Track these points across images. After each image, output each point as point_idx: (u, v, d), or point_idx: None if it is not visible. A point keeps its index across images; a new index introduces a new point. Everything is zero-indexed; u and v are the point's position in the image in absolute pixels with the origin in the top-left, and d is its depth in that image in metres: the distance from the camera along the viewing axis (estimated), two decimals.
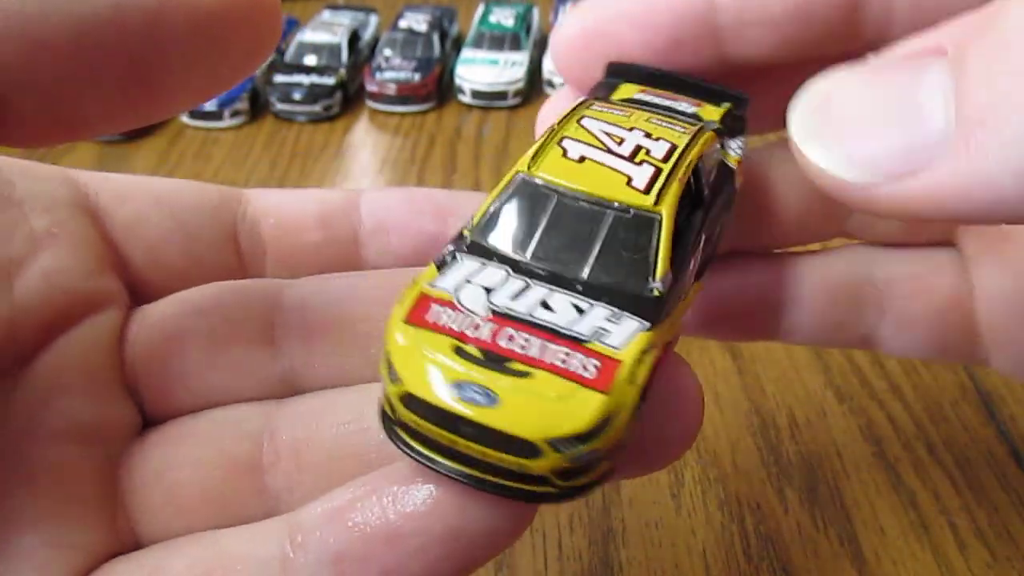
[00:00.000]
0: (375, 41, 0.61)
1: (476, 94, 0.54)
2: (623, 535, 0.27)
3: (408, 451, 0.14)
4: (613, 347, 0.13)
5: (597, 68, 0.19)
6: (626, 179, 0.16)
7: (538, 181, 0.16)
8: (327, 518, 0.15)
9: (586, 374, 0.13)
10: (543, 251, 0.15)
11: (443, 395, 0.13)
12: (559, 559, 0.27)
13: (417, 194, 0.21)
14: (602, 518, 0.28)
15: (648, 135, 0.17)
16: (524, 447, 0.13)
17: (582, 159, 0.16)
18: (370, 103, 0.55)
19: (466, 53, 0.56)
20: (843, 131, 0.12)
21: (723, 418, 0.32)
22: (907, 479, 0.29)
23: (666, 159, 0.16)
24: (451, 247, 0.15)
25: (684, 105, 0.19)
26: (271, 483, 0.17)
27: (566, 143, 0.17)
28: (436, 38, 0.57)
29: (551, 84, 0.55)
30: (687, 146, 0.17)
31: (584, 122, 0.17)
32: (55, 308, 0.17)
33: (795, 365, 0.34)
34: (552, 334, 0.14)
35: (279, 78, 0.54)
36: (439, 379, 0.13)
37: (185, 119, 0.53)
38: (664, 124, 0.17)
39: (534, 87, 0.56)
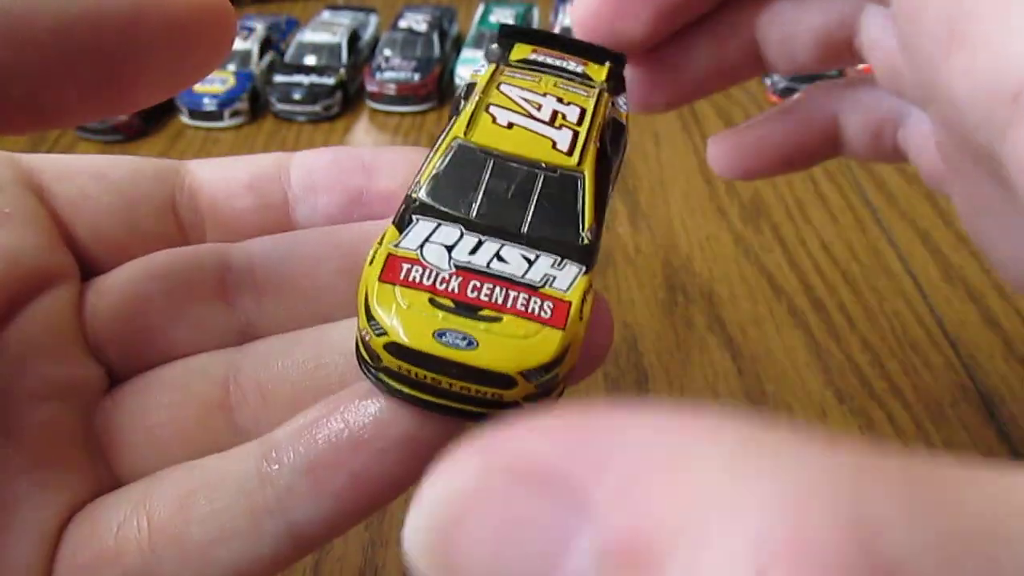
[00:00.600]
0: (375, 41, 0.61)
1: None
2: None
3: (393, 393, 0.16)
4: (561, 290, 0.16)
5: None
6: (551, 143, 0.18)
7: (474, 146, 0.18)
8: (298, 434, 0.17)
9: (544, 315, 0.16)
10: (485, 209, 0.17)
11: (429, 342, 0.15)
12: None
13: (342, 153, 0.22)
14: None
15: (560, 100, 0.19)
16: (501, 379, 0.15)
17: (510, 125, 0.18)
18: (370, 103, 0.55)
19: (466, 53, 0.56)
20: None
21: None
22: None
23: (579, 123, 0.19)
24: (405, 210, 0.17)
25: (573, 64, 0.21)
26: (240, 419, 0.19)
27: (493, 110, 0.19)
28: (436, 38, 0.57)
29: None
30: (594, 110, 0.19)
31: (504, 89, 0.19)
32: (16, 283, 0.18)
33: (795, 365, 0.34)
34: (510, 282, 0.16)
35: (279, 78, 0.54)
36: (423, 329, 0.15)
37: (185, 119, 0.53)
38: (571, 89, 0.20)
39: None
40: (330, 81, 0.54)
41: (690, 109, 0.54)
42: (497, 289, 0.16)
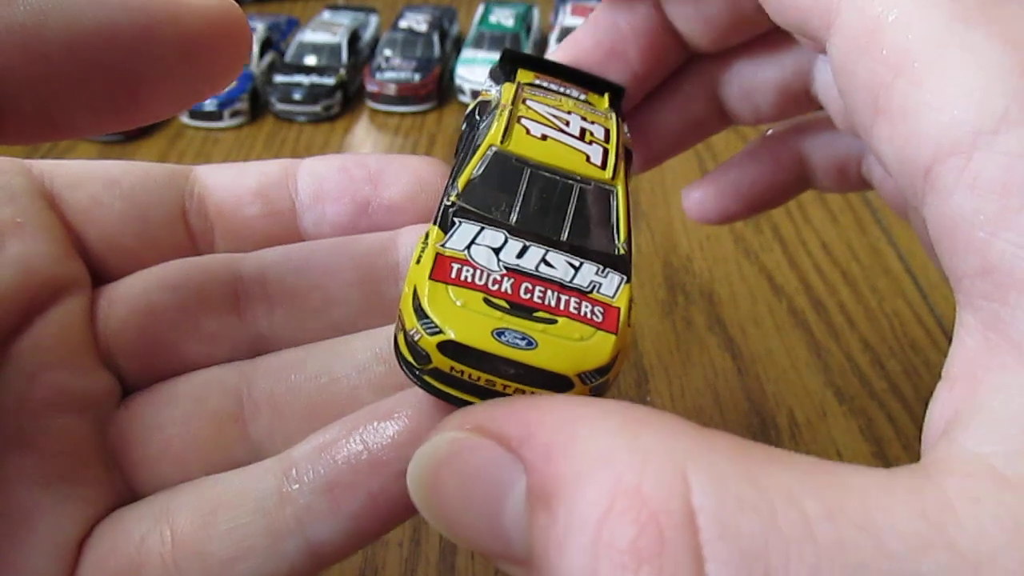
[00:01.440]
0: (375, 41, 0.61)
1: (476, 94, 0.54)
2: None
3: (439, 396, 0.16)
4: (609, 296, 0.16)
5: None
6: (584, 156, 0.19)
7: (511, 154, 0.18)
8: (317, 453, 0.17)
9: (597, 319, 0.16)
10: (524, 216, 0.17)
11: (488, 341, 0.15)
12: None
13: (350, 161, 0.22)
14: None
15: (584, 119, 0.20)
16: (559, 381, 0.15)
17: (544, 137, 0.19)
18: (370, 103, 0.55)
19: (466, 53, 0.56)
20: (448, 512, 0.14)
21: (723, 418, 0.32)
22: None
23: (607, 140, 0.19)
24: (445, 211, 0.17)
25: (575, 92, 0.22)
26: (254, 432, 0.19)
27: (525, 123, 0.19)
28: (436, 38, 0.57)
29: None
30: (616, 131, 0.20)
31: (531, 104, 0.20)
32: (30, 293, 0.18)
33: (795, 365, 0.34)
34: (560, 286, 0.16)
35: (279, 78, 0.54)
36: (481, 327, 0.15)
37: (185, 119, 0.53)
38: (588, 110, 0.21)
39: None
40: (330, 81, 0.54)
41: None
42: (549, 292, 0.16)
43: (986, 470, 0.11)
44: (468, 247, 0.16)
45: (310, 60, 0.56)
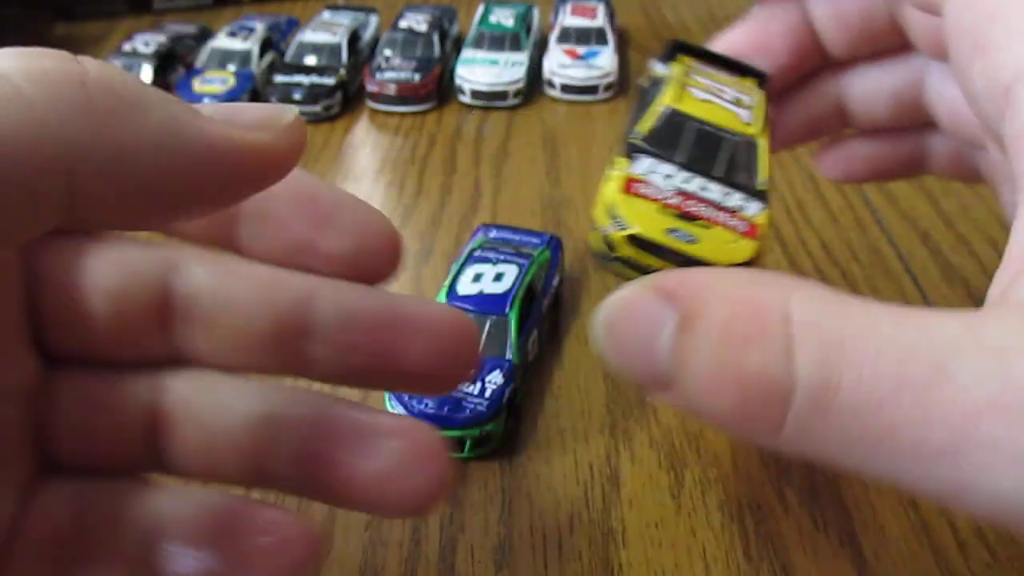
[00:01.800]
0: (375, 41, 0.61)
1: (476, 94, 0.54)
2: (623, 535, 0.27)
3: (623, 275, 0.22)
4: (752, 215, 0.23)
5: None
6: (736, 116, 0.25)
7: (680, 111, 0.25)
8: None
9: (743, 229, 0.23)
10: (690, 157, 0.24)
11: (663, 236, 0.22)
12: (559, 559, 0.27)
13: (305, 191, 0.21)
14: (602, 518, 0.28)
15: (738, 91, 0.26)
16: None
17: (706, 101, 0.25)
18: (370, 103, 0.55)
19: (466, 53, 0.56)
20: (617, 346, 0.18)
21: None
22: None
23: (754, 106, 0.26)
24: (630, 148, 0.24)
25: (725, 74, 0.27)
26: (166, 445, 0.20)
27: (691, 89, 0.25)
28: (436, 38, 0.57)
29: (551, 84, 0.55)
30: (762, 100, 0.26)
31: (695, 76, 0.26)
32: None
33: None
34: (716, 205, 0.23)
35: (279, 78, 0.54)
36: (658, 226, 0.22)
37: None
38: (740, 85, 0.27)
39: (534, 87, 0.56)
40: (330, 81, 0.54)
41: None
42: (708, 208, 0.23)
43: None
44: (648, 172, 0.23)
45: (310, 60, 0.56)
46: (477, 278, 0.33)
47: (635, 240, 0.22)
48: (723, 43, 0.28)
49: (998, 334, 0.15)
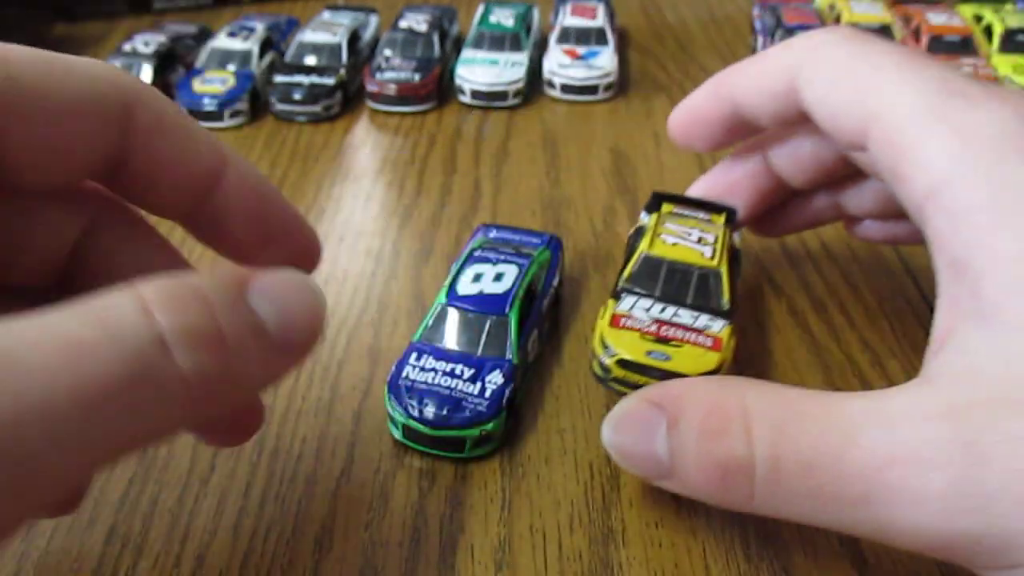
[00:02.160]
0: (375, 41, 0.61)
1: (476, 94, 0.54)
2: (623, 535, 0.27)
3: (618, 392, 0.29)
4: (716, 331, 0.29)
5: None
6: (700, 253, 0.31)
7: (654, 255, 0.31)
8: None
9: (708, 344, 0.29)
10: (664, 290, 0.30)
11: (643, 357, 0.28)
12: (559, 559, 0.27)
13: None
14: (602, 518, 0.28)
15: (701, 231, 0.32)
16: None
17: (675, 244, 0.32)
18: (370, 103, 0.55)
19: (466, 53, 0.56)
20: (623, 447, 0.24)
21: None
22: None
23: (715, 243, 0.32)
24: (618, 290, 0.31)
25: (701, 214, 0.34)
26: None
27: (663, 236, 0.32)
28: (436, 38, 0.57)
29: (551, 84, 0.55)
30: (722, 236, 0.32)
31: (667, 224, 0.33)
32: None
33: (795, 365, 0.34)
34: (686, 328, 0.29)
35: (279, 78, 0.54)
36: (639, 350, 0.28)
37: None
38: (705, 225, 0.33)
39: (534, 87, 0.56)
40: (330, 81, 0.54)
41: None
42: (679, 330, 0.29)
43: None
44: (630, 308, 0.30)
45: (310, 60, 0.56)
46: (477, 278, 0.33)
47: (623, 363, 0.28)
48: (697, 188, 0.35)
49: (898, 404, 0.20)
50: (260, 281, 0.17)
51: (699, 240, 0.31)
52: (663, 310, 0.29)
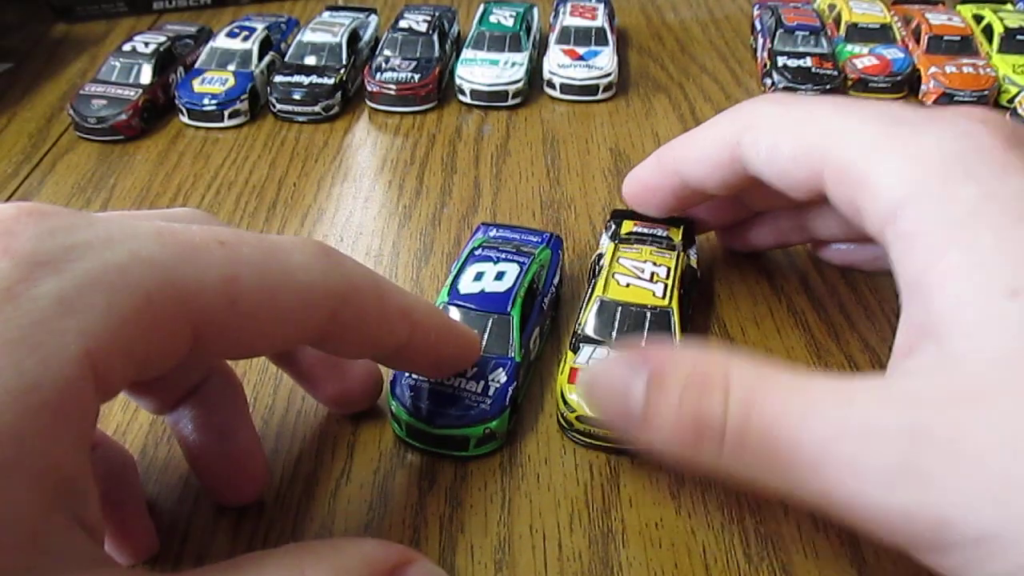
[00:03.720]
0: (375, 41, 0.61)
1: (476, 94, 0.54)
2: (623, 535, 0.27)
3: (582, 443, 0.30)
4: None
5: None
6: (652, 293, 0.32)
7: (608, 299, 0.32)
8: None
9: None
10: (620, 334, 0.31)
11: (598, 414, 0.27)
12: (559, 559, 0.27)
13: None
14: (602, 518, 0.28)
15: (655, 263, 0.33)
16: None
17: (628, 285, 0.32)
18: (370, 103, 0.55)
19: (466, 53, 0.56)
20: (598, 390, 0.25)
21: None
22: None
23: (668, 277, 0.33)
24: (575, 340, 0.31)
25: (660, 230, 0.36)
26: None
27: (617, 276, 0.33)
28: (436, 38, 0.57)
29: (551, 84, 0.55)
30: (676, 266, 0.33)
31: (621, 261, 0.33)
32: None
33: (795, 366, 0.34)
34: None
35: (279, 78, 0.54)
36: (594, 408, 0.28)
37: (184, 120, 0.53)
38: (660, 253, 0.34)
39: (534, 87, 0.56)
40: (330, 81, 0.54)
41: (689, 108, 0.54)
42: None
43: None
44: (587, 360, 0.30)
45: (310, 60, 0.56)
46: (478, 277, 0.33)
47: (581, 418, 0.29)
48: (626, 189, 0.36)
49: (858, 387, 0.21)
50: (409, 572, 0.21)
51: (652, 277, 0.32)
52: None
